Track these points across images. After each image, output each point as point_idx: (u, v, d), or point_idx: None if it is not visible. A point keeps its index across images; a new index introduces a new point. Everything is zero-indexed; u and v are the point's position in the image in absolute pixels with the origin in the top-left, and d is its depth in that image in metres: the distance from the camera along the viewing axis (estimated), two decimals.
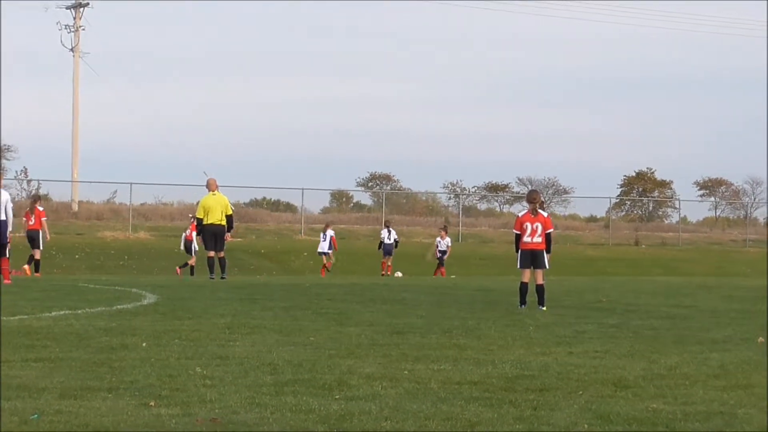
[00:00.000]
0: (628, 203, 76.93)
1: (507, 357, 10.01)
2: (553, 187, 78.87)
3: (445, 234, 39.16)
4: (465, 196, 71.88)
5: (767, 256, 48.86)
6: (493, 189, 79.24)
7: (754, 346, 11.39)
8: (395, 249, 38.76)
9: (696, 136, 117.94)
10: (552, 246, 17.16)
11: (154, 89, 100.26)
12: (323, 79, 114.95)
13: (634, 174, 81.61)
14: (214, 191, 25.91)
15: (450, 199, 71.62)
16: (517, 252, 17.10)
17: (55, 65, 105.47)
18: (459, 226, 54.68)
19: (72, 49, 58.10)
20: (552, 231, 17.22)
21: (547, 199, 72.54)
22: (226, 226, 25.81)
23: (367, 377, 8.51)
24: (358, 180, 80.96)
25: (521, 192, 72.05)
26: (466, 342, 11.28)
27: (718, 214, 75.33)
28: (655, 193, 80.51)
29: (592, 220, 68.32)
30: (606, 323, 14.07)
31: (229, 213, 25.99)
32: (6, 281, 21.30)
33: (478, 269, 40.27)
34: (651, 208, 75.13)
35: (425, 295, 20.34)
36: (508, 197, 76.48)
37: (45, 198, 40.48)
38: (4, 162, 65.15)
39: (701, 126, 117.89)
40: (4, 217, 21.51)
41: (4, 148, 67.19)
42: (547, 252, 16.94)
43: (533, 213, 16.98)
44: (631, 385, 8.39)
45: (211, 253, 25.81)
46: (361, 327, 12.75)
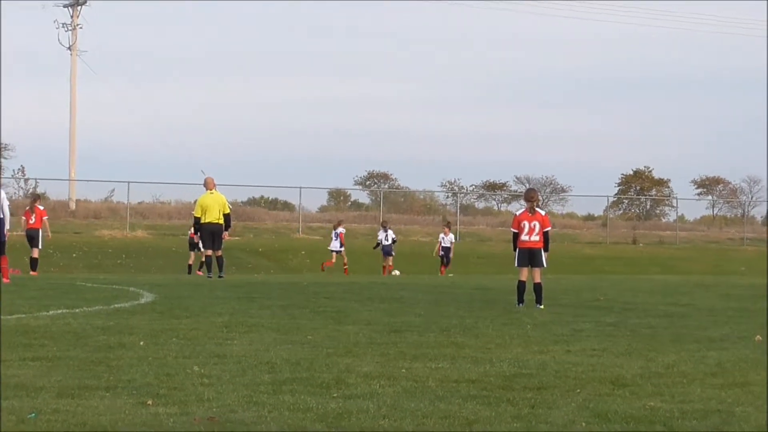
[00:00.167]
0: (626, 202, 76.94)
1: (505, 355, 10.02)
2: (551, 186, 78.91)
3: (449, 230, 39.08)
4: (463, 195, 71.91)
5: (767, 254, 48.86)
6: (491, 188, 79.26)
7: (752, 345, 11.40)
8: (394, 248, 38.70)
9: (694, 136, 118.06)
10: (550, 244, 17.17)
11: (153, 89, 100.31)
12: (323, 79, 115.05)
13: (631, 173, 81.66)
14: (211, 190, 25.90)
15: (448, 197, 71.72)
16: (514, 250, 17.12)
17: (53, 64, 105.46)
18: (457, 225, 54.63)
19: (69, 48, 58.10)
20: (550, 229, 17.23)
21: (545, 197, 72.59)
22: (224, 224, 25.82)
23: (365, 376, 8.51)
24: (356, 179, 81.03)
25: (519, 191, 72.05)
26: (464, 340, 11.28)
27: (715, 213, 75.40)
28: (653, 192, 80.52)
29: (589, 218, 68.35)
30: (603, 322, 14.07)
31: (227, 212, 25.98)
32: (5, 280, 21.29)
33: (476, 268, 40.27)
34: (648, 207, 75.14)
35: (423, 293, 20.34)
36: (505, 196, 76.51)
37: (43, 197, 40.42)
38: (2, 161, 65.15)
39: (700, 126, 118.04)
40: (1, 216, 21.51)
41: (2, 147, 67.19)
42: (544, 250, 16.95)
43: (531, 211, 16.98)
44: (629, 383, 8.39)
45: (209, 252, 25.82)
46: (359, 325, 12.76)
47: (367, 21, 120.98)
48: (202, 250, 27.59)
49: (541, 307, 16.45)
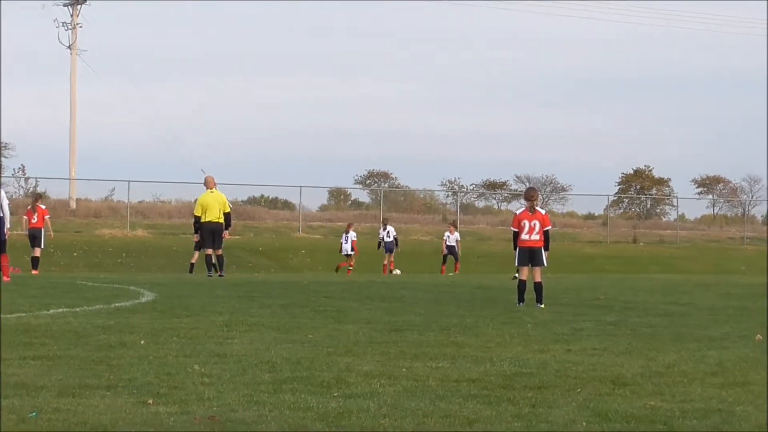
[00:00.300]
0: (626, 201, 76.93)
1: (505, 354, 10.02)
2: (551, 185, 78.90)
3: (454, 229, 39.06)
4: (463, 194, 71.91)
5: (767, 253, 48.85)
6: (491, 187, 79.24)
7: (752, 344, 11.40)
8: (396, 247, 38.69)
9: (695, 135, 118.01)
10: (550, 243, 17.18)
11: (153, 89, 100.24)
12: (323, 79, 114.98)
13: (631, 172, 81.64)
14: (212, 189, 25.92)
15: (448, 196, 71.73)
16: (515, 249, 17.12)
17: (53, 63, 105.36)
18: (457, 224, 54.61)
19: (69, 47, 58.08)
20: (550, 228, 17.24)
21: (545, 196, 72.57)
22: (224, 223, 25.83)
23: (366, 375, 8.51)
24: (356, 178, 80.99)
25: (519, 190, 72.02)
26: (464, 339, 11.28)
27: (715, 212, 75.38)
28: (653, 191, 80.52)
29: (590, 217, 68.34)
30: (604, 321, 14.07)
31: (227, 211, 26.01)
32: (5, 279, 21.29)
33: (476, 267, 40.25)
34: (649, 206, 75.13)
35: (423, 292, 20.34)
36: (506, 195, 76.49)
37: (44, 196, 40.43)
38: (3, 160, 65.16)
39: (700, 125, 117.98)
40: (1, 214, 21.51)
41: (2, 145, 67.20)
42: (545, 249, 16.95)
43: (531, 210, 16.99)
44: (629, 382, 8.39)
45: (209, 251, 25.83)
46: (359, 324, 12.76)
47: (367, 21, 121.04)
48: (203, 249, 27.59)
49: (542, 306, 16.45)
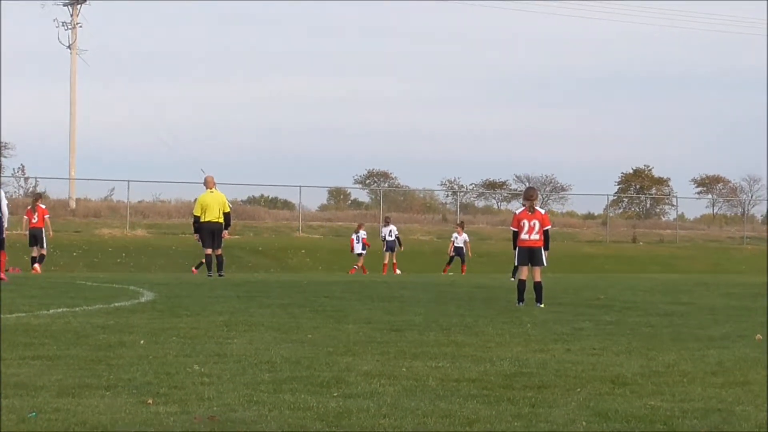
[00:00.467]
0: (626, 200, 76.92)
1: (505, 354, 10.01)
2: (551, 185, 78.90)
3: (462, 230, 39.05)
4: (463, 194, 71.89)
5: None
6: (491, 186, 79.22)
7: (752, 343, 11.40)
8: (399, 247, 38.66)
9: (694, 135, 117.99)
10: (550, 243, 17.18)
11: (153, 89, 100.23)
12: (322, 79, 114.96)
13: (631, 171, 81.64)
14: (211, 189, 25.93)
15: (448, 196, 71.71)
16: (514, 249, 17.12)
17: (53, 63, 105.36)
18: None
19: (69, 47, 58.06)
20: (550, 228, 17.24)
21: (544, 196, 72.57)
22: (224, 223, 25.85)
23: (365, 374, 8.51)
24: (356, 177, 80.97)
25: (519, 189, 72.02)
26: (464, 339, 11.28)
27: (715, 212, 75.35)
28: (653, 191, 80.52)
29: (589, 217, 68.33)
30: (603, 320, 14.07)
31: (227, 210, 26.02)
32: (2, 276, 21.28)
33: (476, 266, 40.24)
34: (648, 206, 75.13)
35: (423, 292, 20.34)
36: (505, 194, 76.48)
37: (44, 196, 40.44)
38: (2, 159, 65.15)
39: (700, 125, 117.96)
40: None
41: (2, 145, 67.19)
42: (545, 249, 16.96)
43: (530, 210, 16.99)
44: (629, 382, 8.39)
45: (209, 251, 25.84)
46: (359, 324, 12.75)
47: (367, 21, 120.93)
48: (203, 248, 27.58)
49: (542, 305, 16.45)
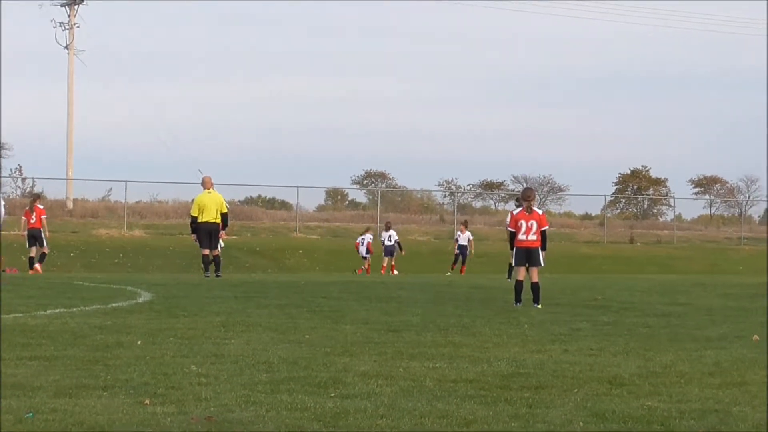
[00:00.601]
0: (623, 201, 76.95)
1: (502, 355, 10.02)
2: (548, 185, 78.94)
3: (465, 228, 39.03)
4: (460, 194, 71.92)
5: (767, 253, 48.86)
6: (488, 187, 79.25)
7: (749, 344, 11.40)
8: (400, 251, 38.69)
9: (692, 136, 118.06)
10: (547, 243, 17.18)
11: (153, 89, 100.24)
12: (323, 79, 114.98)
13: (629, 172, 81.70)
14: (209, 189, 25.92)
15: (445, 197, 71.74)
16: (511, 250, 17.12)
17: (50, 63, 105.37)
18: (454, 224, 54.64)
19: (67, 47, 58.03)
20: (547, 228, 17.24)
21: (542, 196, 72.58)
22: (221, 224, 25.84)
23: (363, 375, 8.51)
24: (353, 178, 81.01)
25: (516, 190, 72.03)
26: (462, 340, 11.28)
27: (712, 212, 75.41)
28: (650, 191, 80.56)
29: (587, 217, 68.36)
30: (601, 321, 14.08)
31: (224, 211, 26.00)
32: None
33: (473, 267, 40.23)
34: (646, 206, 75.17)
35: (421, 293, 20.34)
36: (503, 195, 76.51)
37: (41, 196, 40.43)
38: (0, 160, 65.15)
39: (698, 125, 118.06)
40: None
41: (0, 146, 67.18)
42: (542, 250, 16.95)
43: (528, 211, 16.99)
44: (627, 382, 8.39)
45: (206, 251, 25.83)
46: (357, 325, 12.75)
47: (367, 21, 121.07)
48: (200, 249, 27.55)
49: (539, 306, 16.45)
